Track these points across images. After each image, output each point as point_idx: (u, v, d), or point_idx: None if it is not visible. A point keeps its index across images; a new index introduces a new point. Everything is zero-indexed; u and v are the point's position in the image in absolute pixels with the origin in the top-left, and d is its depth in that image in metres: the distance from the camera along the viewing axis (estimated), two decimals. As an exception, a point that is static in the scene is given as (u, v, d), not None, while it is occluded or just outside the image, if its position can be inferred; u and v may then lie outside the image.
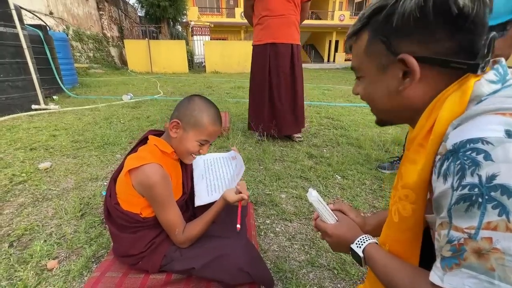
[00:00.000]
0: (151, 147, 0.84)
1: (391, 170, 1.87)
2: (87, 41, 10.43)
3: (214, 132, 0.84)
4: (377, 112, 0.55)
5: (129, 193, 0.80)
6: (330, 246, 0.63)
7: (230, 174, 1.01)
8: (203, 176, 1.02)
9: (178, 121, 0.81)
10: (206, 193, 0.96)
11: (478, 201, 0.32)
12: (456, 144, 0.35)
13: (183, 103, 0.83)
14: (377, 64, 0.48)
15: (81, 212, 1.32)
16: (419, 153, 0.43)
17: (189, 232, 0.82)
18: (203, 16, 17.21)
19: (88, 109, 3.59)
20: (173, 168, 0.88)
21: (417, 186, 0.43)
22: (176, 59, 10.99)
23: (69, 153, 2.05)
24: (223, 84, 6.83)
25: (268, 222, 1.32)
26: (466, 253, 0.33)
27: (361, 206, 1.46)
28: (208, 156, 1.10)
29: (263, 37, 2.30)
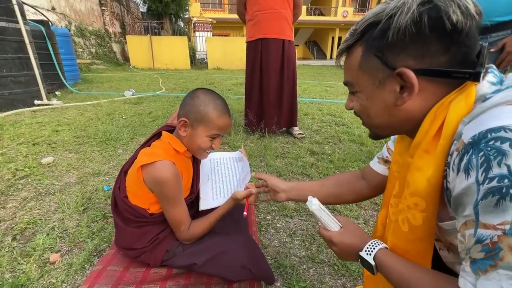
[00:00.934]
0: (165, 144, 0.84)
1: None
2: (89, 36, 10.42)
3: (223, 125, 0.82)
4: (373, 128, 0.54)
5: (139, 187, 0.80)
6: (337, 255, 0.58)
7: (236, 179, 1.00)
8: (209, 177, 1.01)
9: (185, 119, 0.80)
10: (211, 197, 0.95)
11: (510, 192, 0.29)
12: (476, 136, 0.34)
13: (187, 100, 0.82)
14: (373, 79, 0.47)
15: (83, 206, 1.33)
16: (425, 159, 0.42)
17: (195, 230, 0.83)
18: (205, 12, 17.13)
19: (90, 104, 3.60)
20: (185, 166, 0.88)
21: (427, 194, 0.42)
22: (178, 55, 10.96)
23: (71, 148, 2.06)
24: (225, 81, 6.81)
25: (269, 218, 1.32)
26: (503, 251, 0.29)
27: (362, 203, 1.45)
28: (214, 155, 1.09)
29: (255, 33, 2.30)
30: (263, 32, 2.26)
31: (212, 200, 0.94)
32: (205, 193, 0.96)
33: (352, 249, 0.55)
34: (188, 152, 0.86)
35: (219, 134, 0.83)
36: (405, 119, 0.47)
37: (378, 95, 0.48)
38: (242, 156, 1.04)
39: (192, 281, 0.83)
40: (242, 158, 1.04)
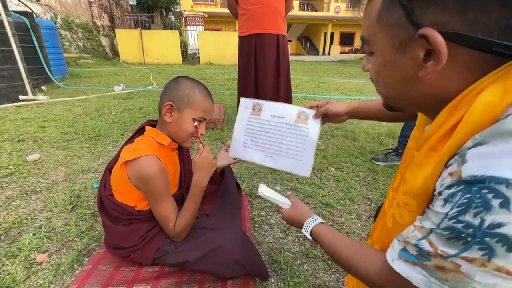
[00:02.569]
0: (148, 139, 0.82)
1: (385, 162, 1.88)
2: (77, 30, 10.10)
3: (209, 108, 0.82)
4: (386, 98, 0.46)
5: (124, 185, 0.77)
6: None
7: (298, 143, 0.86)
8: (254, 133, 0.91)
9: (171, 103, 0.78)
10: (242, 143, 0.92)
11: (467, 239, 0.29)
12: (476, 178, 0.28)
13: (171, 86, 0.80)
14: (393, 39, 0.37)
15: (72, 204, 1.29)
16: (430, 157, 0.37)
17: (179, 225, 0.80)
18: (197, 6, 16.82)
19: (79, 100, 3.50)
20: (170, 160, 0.86)
21: (420, 195, 0.38)
22: (169, 50, 10.76)
23: (58, 145, 2.00)
24: (217, 76, 6.74)
25: (263, 214, 1.31)
26: (429, 263, 0.32)
27: (355, 198, 1.46)
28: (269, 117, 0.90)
29: (248, 27, 2.25)
30: (258, 27, 2.21)
31: (243, 147, 0.92)
32: (237, 139, 0.93)
33: (297, 224, 0.67)
34: (174, 144, 0.84)
35: (205, 117, 0.82)
36: (427, 95, 0.38)
37: (397, 61, 0.38)
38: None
39: (185, 279, 0.81)
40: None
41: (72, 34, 9.81)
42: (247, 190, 1.50)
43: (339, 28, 24.87)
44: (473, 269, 0.28)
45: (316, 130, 0.84)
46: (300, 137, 0.85)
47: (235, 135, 0.93)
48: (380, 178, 1.69)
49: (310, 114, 0.85)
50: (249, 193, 1.47)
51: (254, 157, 0.91)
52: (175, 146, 0.86)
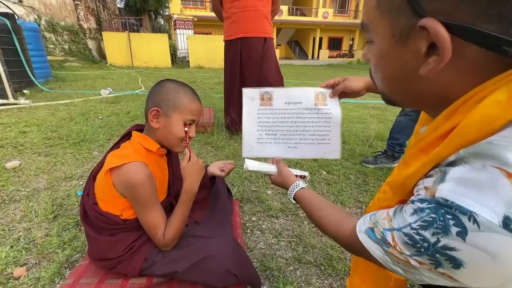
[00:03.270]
0: (135, 144, 0.78)
1: (375, 164, 1.90)
2: (62, 32, 9.85)
3: (196, 110, 0.79)
4: (385, 92, 0.42)
5: (109, 193, 0.74)
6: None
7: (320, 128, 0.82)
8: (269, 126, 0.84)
9: (157, 108, 0.75)
10: (256, 140, 0.84)
11: (420, 250, 0.31)
12: (446, 201, 0.29)
13: (156, 90, 0.77)
14: (393, 28, 0.33)
15: (53, 214, 1.22)
16: (416, 158, 0.36)
17: (168, 233, 0.77)
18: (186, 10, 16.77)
19: (63, 104, 3.39)
20: (158, 166, 0.82)
21: (398, 189, 0.40)
22: (158, 53, 10.65)
23: (40, 151, 1.92)
24: (207, 80, 6.69)
25: (254, 220, 1.29)
26: (388, 249, 0.36)
27: (346, 201, 1.46)
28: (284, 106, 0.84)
29: (234, 31, 2.20)
30: (244, 30, 2.16)
31: (257, 144, 0.84)
32: (250, 136, 0.85)
33: (284, 187, 0.73)
34: (162, 150, 0.81)
35: (194, 119, 0.79)
36: (427, 93, 0.35)
37: (396, 53, 0.34)
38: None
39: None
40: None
41: (57, 37, 9.56)
42: (238, 195, 1.48)
43: (327, 33, 25.34)
44: (421, 267, 0.32)
45: (338, 108, 0.80)
46: (324, 119, 0.81)
47: (245, 132, 0.84)
48: (370, 181, 1.71)
49: (327, 93, 0.81)
50: (240, 198, 1.45)
51: (275, 152, 0.83)
52: (163, 152, 0.83)
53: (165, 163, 0.88)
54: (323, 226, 0.57)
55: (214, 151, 2.10)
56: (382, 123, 3.16)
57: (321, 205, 0.60)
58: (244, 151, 0.85)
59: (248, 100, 0.84)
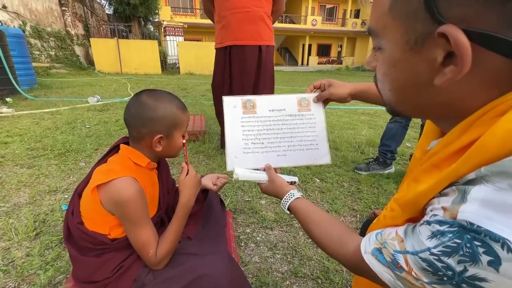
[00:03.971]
0: (123, 158, 0.75)
1: (367, 171, 1.90)
2: (48, 38, 9.65)
3: (188, 117, 0.78)
4: (392, 102, 0.39)
5: (96, 211, 0.69)
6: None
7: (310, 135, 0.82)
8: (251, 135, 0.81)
9: (161, 135, 0.72)
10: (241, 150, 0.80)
11: (443, 279, 0.28)
12: (472, 226, 0.26)
13: (148, 114, 0.71)
14: (407, 34, 0.31)
15: (36, 231, 1.16)
16: (428, 174, 0.33)
17: (161, 250, 0.73)
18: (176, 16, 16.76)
19: (48, 112, 3.28)
20: (149, 180, 0.79)
21: (408, 207, 0.36)
22: (148, 60, 10.55)
23: (23, 163, 1.83)
24: (198, 86, 6.66)
25: (248, 231, 1.25)
26: (400, 274, 0.33)
27: (340, 210, 1.45)
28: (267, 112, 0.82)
29: (223, 38, 1.85)
30: (234, 37, 1.79)
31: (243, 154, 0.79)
32: (235, 146, 0.80)
33: (277, 197, 0.70)
34: (153, 164, 0.78)
35: (186, 126, 0.79)
36: (440, 105, 0.33)
37: (410, 61, 0.32)
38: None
39: (165, 313, 0.73)
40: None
41: (43, 43, 9.36)
42: (231, 205, 1.44)
43: (316, 40, 25.83)
44: None
45: (321, 113, 0.81)
46: (308, 125, 0.81)
47: (229, 143, 0.79)
48: (363, 188, 1.71)
49: (310, 98, 0.82)
50: (233, 209, 1.41)
51: (263, 161, 0.79)
52: (154, 165, 0.79)
53: (155, 176, 0.85)
54: (322, 244, 0.53)
55: (206, 160, 2.06)
56: (373, 128, 3.20)
57: (319, 219, 0.57)
58: (228, 163, 0.78)
59: (229, 109, 0.81)
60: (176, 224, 0.77)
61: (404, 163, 2.14)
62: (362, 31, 24.19)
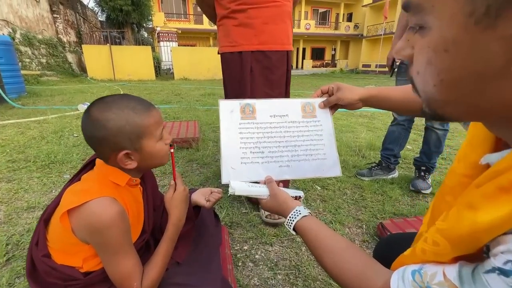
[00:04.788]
0: (100, 175, 0.64)
1: (370, 177, 1.81)
2: (39, 46, 9.51)
3: (157, 117, 0.64)
4: (438, 102, 0.29)
5: (66, 240, 0.58)
6: None
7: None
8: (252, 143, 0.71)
9: (125, 152, 0.60)
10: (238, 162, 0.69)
11: None
12: None
13: (98, 131, 0.58)
14: (470, 4, 0.22)
15: (7, 256, 1.03)
16: (495, 200, 0.25)
17: (147, 280, 0.62)
18: (170, 22, 16.71)
19: (35, 121, 3.14)
20: (131, 198, 0.67)
21: (461, 243, 0.28)
22: (142, 66, 10.45)
23: (1, 176, 1.70)
24: (192, 91, 6.56)
25: (246, 248, 1.14)
26: None
27: (345, 220, 1.35)
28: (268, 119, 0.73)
29: (240, 38, 1.24)
30: (259, 40, 1.24)
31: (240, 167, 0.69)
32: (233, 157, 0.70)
33: (280, 214, 0.61)
34: (135, 180, 0.67)
35: (160, 127, 0.65)
36: (509, 102, 0.24)
37: (473, 41, 0.23)
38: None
39: None
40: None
41: (34, 50, 9.21)
42: (227, 219, 1.33)
43: (310, 43, 26.00)
44: None
45: (329, 120, 0.74)
46: (315, 132, 0.73)
47: (224, 152, 0.69)
48: (367, 195, 1.61)
49: (315, 104, 0.74)
50: (229, 223, 1.30)
51: (264, 173, 0.69)
52: (136, 181, 0.69)
53: (140, 192, 0.74)
54: (337, 276, 0.44)
55: (200, 169, 1.95)
56: (371, 131, 3.12)
57: (334, 245, 0.48)
58: (223, 175, 0.68)
59: (226, 114, 0.72)
60: (165, 247, 0.67)
61: (407, 167, 2.06)
62: (356, 34, 24.43)
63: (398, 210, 1.46)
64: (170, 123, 2.78)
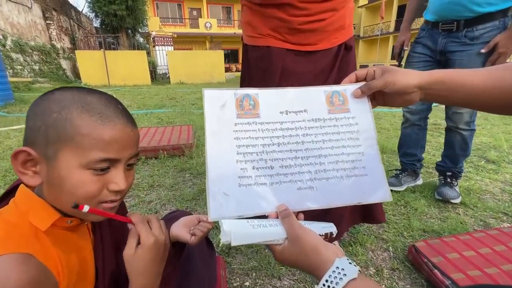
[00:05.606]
0: (13, 214, 0.40)
1: (400, 186, 1.55)
2: (31, 52, 9.32)
3: (113, 137, 0.40)
4: None
5: None
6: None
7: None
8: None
9: (27, 149, 0.38)
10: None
11: None
12: None
13: (30, 111, 0.40)
14: None
15: None
16: None
17: None
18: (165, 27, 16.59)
19: (17, 129, 2.91)
20: (69, 246, 0.44)
21: None
22: (137, 70, 10.25)
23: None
24: (188, 95, 6.34)
25: (248, 285, 0.91)
26: None
27: (366, 240, 1.12)
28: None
29: (277, 26, 0.84)
30: (300, 38, 0.85)
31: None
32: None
33: (308, 272, 0.39)
34: (69, 219, 0.44)
35: (111, 158, 0.40)
36: None
37: None
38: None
39: None
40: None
41: (26, 57, 9.02)
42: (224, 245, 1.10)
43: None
44: None
45: (368, 115, 0.51)
46: (348, 135, 0.50)
47: (212, 169, 0.46)
48: (387, 207, 1.38)
49: (347, 92, 0.51)
50: (227, 250, 1.07)
51: (274, 200, 0.46)
52: (73, 222, 0.45)
53: (86, 233, 0.50)
54: None
55: (192, 179, 1.71)
56: (379, 132, 2.90)
57: None
58: (211, 208, 0.44)
59: (214, 110, 0.49)
60: None
61: (426, 172, 1.83)
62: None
63: (427, 225, 1.23)
64: (162, 129, 2.55)
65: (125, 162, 0.44)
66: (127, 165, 0.44)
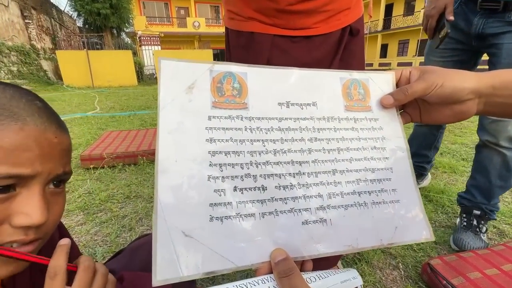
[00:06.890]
0: None
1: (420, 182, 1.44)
2: (9, 53, 8.90)
3: (23, 143, 0.26)
4: None
5: None
6: None
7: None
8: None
9: None
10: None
11: None
12: None
13: None
14: None
15: None
16: None
17: None
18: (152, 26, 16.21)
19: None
20: None
21: None
22: (123, 71, 9.92)
23: None
24: (176, 95, 6.12)
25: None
26: None
27: (372, 257, 0.97)
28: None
29: (262, 7, 0.61)
30: (291, 20, 0.62)
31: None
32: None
33: None
34: None
35: (15, 173, 0.25)
36: None
37: None
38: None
39: None
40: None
41: (3, 58, 8.60)
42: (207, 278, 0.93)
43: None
44: None
45: (395, 119, 0.37)
46: (371, 142, 0.35)
47: (165, 195, 0.28)
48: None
49: (369, 83, 0.36)
50: (211, 282, 0.90)
51: (266, 244, 0.29)
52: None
53: None
54: None
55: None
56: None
57: None
58: (158, 264, 0.26)
59: (174, 92, 0.30)
60: None
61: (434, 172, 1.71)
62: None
63: (438, 235, 1.09)
64: (144, 131, 2.36)
65: (45, 181, 0.28)
66: (50, 186, 0.30)
